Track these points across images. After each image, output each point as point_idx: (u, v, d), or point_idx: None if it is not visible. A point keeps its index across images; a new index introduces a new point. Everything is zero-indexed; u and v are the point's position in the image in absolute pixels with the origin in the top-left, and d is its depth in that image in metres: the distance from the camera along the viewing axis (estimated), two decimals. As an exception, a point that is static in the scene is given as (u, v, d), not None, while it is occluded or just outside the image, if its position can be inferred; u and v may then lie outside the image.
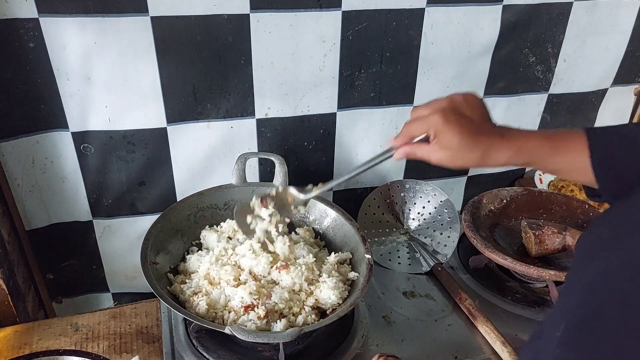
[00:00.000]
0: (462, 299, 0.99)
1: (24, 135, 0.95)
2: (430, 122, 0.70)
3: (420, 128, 0.71)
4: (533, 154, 0.69)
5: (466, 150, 0.69)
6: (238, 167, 1.01)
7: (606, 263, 0.48)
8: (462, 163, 0.70)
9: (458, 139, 0.68)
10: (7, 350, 0.89)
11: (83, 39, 0.88)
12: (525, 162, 0.70)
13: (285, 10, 0.96)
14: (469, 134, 0.69)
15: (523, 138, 0.69)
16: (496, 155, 0.69)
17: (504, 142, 0.69)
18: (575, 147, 0.66)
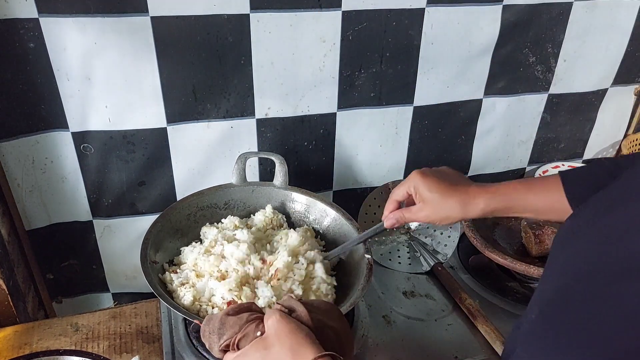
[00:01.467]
0: (462, 298, 0.99)
1: (24, 135, 0.95)
2: (410, 180, 0.79)
3: (401, 189, 0.81)
4: (508, 195, 0.76)
5: (445, 199, 0.76)
6: (238, 167, 1.01)
7: (574, 247, 0.52)
8: (445, 214, 0.77)
9: (436, 188, 0.77)
10: (7, 350, 0.89)
11: (83, 39, 0.88)
12: (503, 206, 0.76)
13: (285, 10, 0.96)
14: (445, 185, 0.77)
15: (498, 185, 0.77)
16: (474, 201, 0.76)
17: (480, 189, 0.77)
18: (550, 186, 0.73)
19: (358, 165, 1.20)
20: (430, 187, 0.77)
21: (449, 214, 0.77)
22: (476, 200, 0.76)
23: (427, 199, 0.77)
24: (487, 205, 0.76)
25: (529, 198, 0.75)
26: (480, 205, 0.76)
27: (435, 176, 0.78)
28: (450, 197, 0.76)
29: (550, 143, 1.34)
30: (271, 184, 1.04)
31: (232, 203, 1.03)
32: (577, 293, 0.46)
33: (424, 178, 0.78)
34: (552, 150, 1.36)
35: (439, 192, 0.76)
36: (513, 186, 0.76)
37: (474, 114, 1.22)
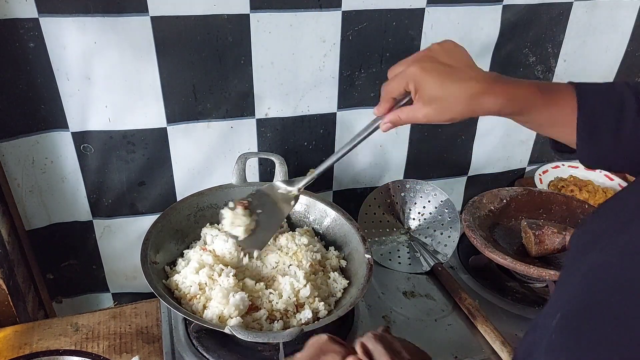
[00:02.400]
0: (462, 298, 0.99)
1: (24, 135, 0.95)
2: (408, 75, 0.66)
3: (398, 85, 0.67)
4: (526, 103, 0.64)
5: (452, 98, 0.64)
6: (238, 167, 1.01)
7: (601, 255, 0.48)
8: (451, 114, 0.65)
9: (439, 86, 0.64)
10: (7, 350, 0.89)
11: (83, 39, 0.88)
12: (514, 112, 0.65)
13: (285, 10, 0.96)
14: (451, 80, 0.64)
15: (516, 85, 0.65)
16: (486, 101, 0.64)
17: (496, 88, 0.64)
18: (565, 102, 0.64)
19: (358, 165, 1.20)
20: (434, 85, 0.64)
21: (455, 113, 0.65)
22: (490, 100, 0.64)
23: (430, 99, 0.65)
24: (500, 108, 0.64)
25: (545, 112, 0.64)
26: (493, 107, 0.64)
27: (437, 70, 0.65)
28: (457, 96, 0.64)
29: (550, 143, 1.34)
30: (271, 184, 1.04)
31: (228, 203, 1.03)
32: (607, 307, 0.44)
33: (424, 72, 0.65)
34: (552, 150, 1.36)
35: (443, 91, 0.64)
36: (533, 92, 0.64)
37: (474, 114, 1.21)
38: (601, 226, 0.53)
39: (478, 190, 1.18)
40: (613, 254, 0.47)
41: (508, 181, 1.37)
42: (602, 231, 0.52)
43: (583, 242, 0.54)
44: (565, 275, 0.55)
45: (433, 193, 1.17)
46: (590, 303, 0.46)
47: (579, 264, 0.51)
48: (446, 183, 1.29)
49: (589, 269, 0.49)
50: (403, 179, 1.20)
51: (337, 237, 0.99)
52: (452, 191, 1.32)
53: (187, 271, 0.86)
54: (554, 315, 0.49)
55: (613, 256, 0.47)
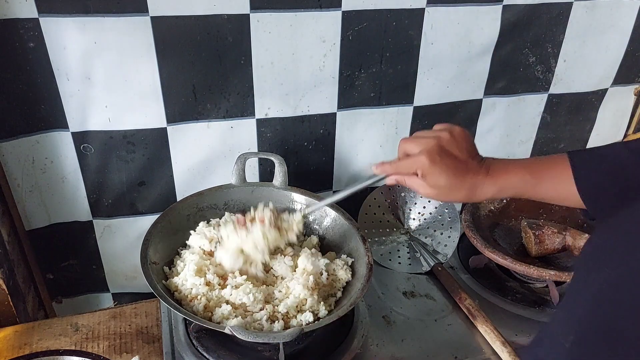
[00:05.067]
0: (462, 298, 0.99)
1: (24, 135, 0.95)
2: (418, 163, 0.73)
3: (408, 168, 0.74)
4: (517, 188, 0.73)
5: (452, 189, 0.72)
6: (238, 167, 1.01)
7: (615, 272, 0.47)
8: (449, 200, 0.77)
9: (444, 180, 0.72)
10: (7, 350, 0.89)
11: (83, 39, 0.88)
12: (511, 194, 0.74)
13: (285, 10, 0.96)
14: (454, 175, 0.72)
15: (506, 174, 0.73)
16: (481, 192, 0.73)
17: (488, 180, 0.72)
18: (559, 174, 0.70)
19: (358, 165, 1.20)
20: (439, 178, 0.72)
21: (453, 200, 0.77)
22: (484, 191, 0.72)
23: (434, 186, 0.73)
24: (494, 196, 0.73)
25: (539, 189, 0.71)
26: (487, 196, 0.73)
27: (445, 164, 0.72)
28: (457, 189, 0.72)
29: (550, 143, 1.34)
30: (271, 185, 1.04)
31: (231, 203, 1.03)
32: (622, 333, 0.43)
33: (432, 165, 0.72)
34: (552, 150, 1.36)
35: (446, 184, 0.72)
36: (522, 176, 0.72)
37: (474, 114, 1.22)
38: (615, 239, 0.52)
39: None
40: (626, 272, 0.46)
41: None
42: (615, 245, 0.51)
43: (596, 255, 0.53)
44: (576, 289, 0.54)
45: (433, 193, 1.17)
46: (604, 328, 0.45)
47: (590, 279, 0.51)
48: (446, 183, 1.29)
49: (601, 288, 0.48)
50: (403, 179, 1.20)
51: (337, 237, 0.99)
52: (452, 191, 1.32)
53: (186, 273, 0.87)
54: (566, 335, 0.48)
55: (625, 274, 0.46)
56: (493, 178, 0.73)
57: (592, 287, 0.49)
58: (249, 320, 0.81)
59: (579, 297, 0.52)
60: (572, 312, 0.52)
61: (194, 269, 0.86)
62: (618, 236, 0.52)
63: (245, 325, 0.80)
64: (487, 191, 0.72)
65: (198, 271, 0.87)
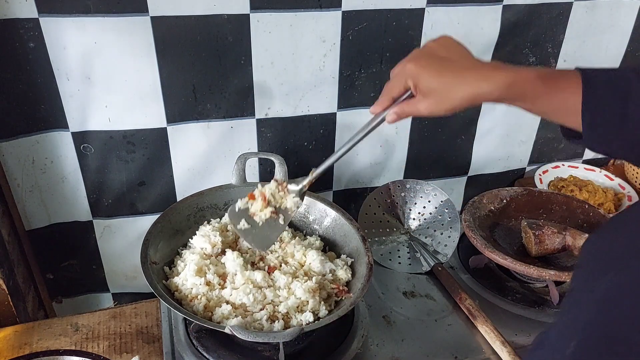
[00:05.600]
0: (462, 299, 0.99)
1: (24, 135, 0.95)
2: (405, 72, 0.68)
3: (398, 83, 0.69)
4: (526, 88, 0.65)
5: (451, 88, 0.65)
6: (238, 167, 1.01)
7: (620, 277, 0.46)
8: (451, 104, 0.66)
9: (437, 79, 0.66)
10: (7, 350, 0.89)
11: (83, 39, 0.88)
12: (515, 98, 0.66)
13: (285, 10, 0.96)
14: (448, 71, 0.66)
15: (516, 71, 0.65)
16: (484, 87, 0.65)
17: (494, 74, 0.65)
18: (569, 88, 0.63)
19: (358, 165, 1.20)
20: (430, 78, 0.66)
21: (456, 103, 0.66)
22: (489, 86, 0.65)
23: (430, 92, 0.66)
24: (500, 94, 0.65)
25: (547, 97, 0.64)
26: (493, 93, 0.65)
27: (433, 64, 0.67)
28: (455, 87, 0.65)
29: (550, 143, 1.34)
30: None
31: (232, 204, 1.02)
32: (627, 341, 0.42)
33: (422, 69, 0.66)
34: (552, 150, 1.36)
35: (440, 83, 0.66)
36: (533, 77, 0.64)
37: (474, 114, 1.22)
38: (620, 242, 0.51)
39: (478, 190, 1.18)
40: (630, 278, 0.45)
41: (508, 181, 1.37)
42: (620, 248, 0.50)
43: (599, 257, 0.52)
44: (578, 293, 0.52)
45: (433, 193, 1.17)
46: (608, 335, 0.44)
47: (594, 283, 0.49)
48: (446, 183, 1.30)
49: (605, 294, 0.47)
50: (403, 179, 1.20)
51: (337, 237, 0.99)
52: (452, 191, 1.32)
53: (187, 273, 0.87)
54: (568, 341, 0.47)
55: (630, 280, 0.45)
56: (498, 73, 0.65)
57: (596, 292, 0.48)
58: (249, 320, 0.81)
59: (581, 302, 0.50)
60: (574, 317, 0.50)
61: (194, 269, 0.86)
62: (622, 239, 0.51)
63: (245, 325, 0.80)
64: (491, 87, 0.65)
65: (198, 271, 0.87)
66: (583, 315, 0.49)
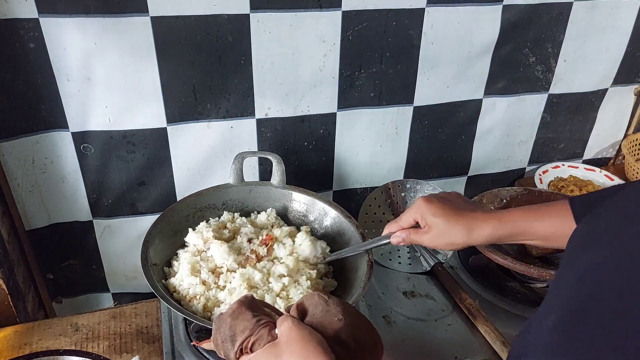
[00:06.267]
0: (462, 298, 0.99)
1: (24, 135, 0.95)
2: (416, 208, 0.80)
3: (408, 216, 0.82)
4: (516, 222, 0.75)
5: (450, 225, 0.77)
6: (235, 167, 1.01)
7: (597, 255, 0.49)
8: (450, 239, 0.78)
9: (441, 214, 0.77)
10: (7, 350, 0.89)
11: (83, 39, 0.88)
12: (509, 233, 0.76)
13: (285, 10, 0.96)
14: (451, 211, 0.78)
15: (504, 211, 0.77)
16: (479, 228, 0.76)
17: (486, 215, 0.77)
18: (559, 213, 0.72)
19: (358, 165, 1.20)
20: (435, 212, 0.78)
21: (454, 239, 0.78)
22: (481, 227, 0.76)
23: (432, 224, 0.78)
24: (493, 232, 0.76)
25: (536, 225, 0.75)
26: (486, 232, 0.76)
27: (440, 202, 0.79)
28: (455, 223, 0.77)
29: (550, 143, 1.34)
30: (269, 184, 1.04)
31: (230, 203, 1.03)
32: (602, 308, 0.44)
33: (428, 204, 0.79)
34: (552, 150, 1.36)
35: (443, 217, 0.77)
36: (520, 213, 0.76)
37: (474, 114, 1.22)
38: (597, 226, 0.54)
39: (478, 190, 1.18)
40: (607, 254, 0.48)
41: (508, 181, 1.37)
42: (597, 231, 0.53)
43: (579, 242, 0.55)
44: (560, 275, 0.55)
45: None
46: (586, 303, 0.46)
47: (574, 263, 0.52)
48: (446, 183, 1.30)
49: (586, 268, 0.49)
50: (403, 179, 1.20)
51: (338, 237, 0.99)
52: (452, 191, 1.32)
53: (182, 274, 0.87)
54: (549, 316, 0.49)
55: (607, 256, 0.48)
56: (491, 214, 0.78)
57: (576, 269, 0.50)
58: None
59: (563, 281, 0.53)
60: (556, 295, 0.53)
61: (188, 269, 0.87)
62: (602, 222, 0.54)
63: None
64: (486, 226, 0.76)
65: (192, 270, 0.87)
66: (563, 291, 0.51)
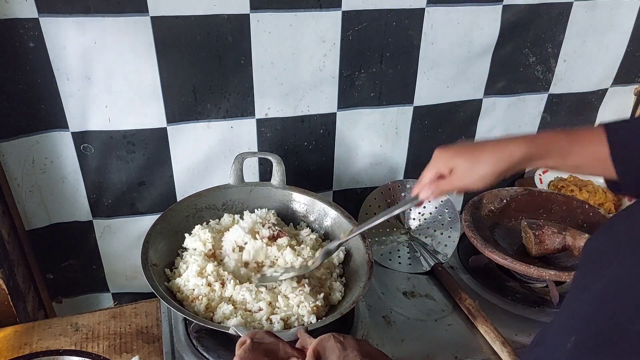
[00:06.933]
0: (462, 298, 0.99)
1: (24, 135, 0.95)
2: (434, 160, 0.76)
3: (428, 171, 0.77)
4: (550, 146, 0.69)
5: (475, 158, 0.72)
6: (235, 167, 1.01)
7: (617, 272, 0.47)
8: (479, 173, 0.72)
9: (461, 154, 0.73)
10: (7, 350, 0.89)
11: (83, 39, 0.88)
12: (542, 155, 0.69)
13: (285, 10, 0.96)
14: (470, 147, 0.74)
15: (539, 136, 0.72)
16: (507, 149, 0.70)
17: (518, 139, 0.70)
18: (594, 140, 0.66)
19: (358, 165, 1.20)
20: (454, 154, 0.74)
21: (483, 172, 0.71)
22: (509, 148, 0.70)
23: (455, 166, 0.73)
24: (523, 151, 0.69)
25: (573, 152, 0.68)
26: (515, 152, 0.69)
27: (456, 146, 0.75)
28: (479, 154, 0.72)
29: (550, 143, 1.34)
30: (269, 184, 1.04)
31: (230, 204, 1.03)
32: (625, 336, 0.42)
33: (445, 151, 0.75)
34: (552, 150, 1.36)
35: (464, 155, 0.73)
36: (555, 136, 0.70)
37: (474, 114, 1.22)
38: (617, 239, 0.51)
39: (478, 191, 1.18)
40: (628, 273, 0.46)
41: (508, 181, 1.37)
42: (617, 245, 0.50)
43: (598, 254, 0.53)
44: (578, 289, 0.53)
45: (433, 193, 1.17)
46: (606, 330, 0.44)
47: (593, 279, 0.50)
48: (446, 183, 1.29)
49: (604, 288, 0.47)
50: (403, 179, 1.20)
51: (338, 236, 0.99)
52: (452, 191, 1.32)
53: (189, 274, 0.87)
54: (568, 336, 0.47)
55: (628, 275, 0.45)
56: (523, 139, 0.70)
57: (595, 287, 0.48)
58: (248, 320, 0.81)
59: (581, 298, 0.51)
60: (574, 312, 0.51)
61: (196, 270, 0.87)
62: (620, 235, 0.51)
63: (245, 324, 0.80)
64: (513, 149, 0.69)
65: (200, 272, 0.87)
66: (582, 310, 0.49)
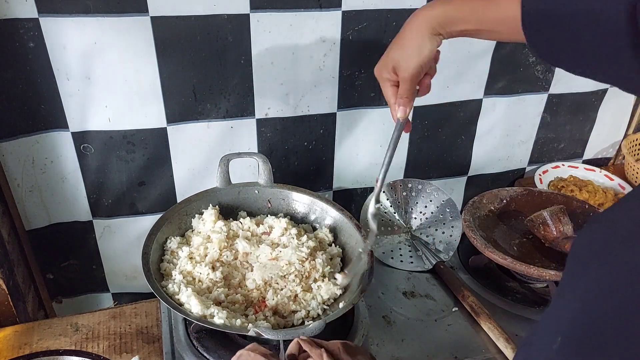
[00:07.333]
0: (465, 296, 0.99)
1: (24, 135, 0.95)
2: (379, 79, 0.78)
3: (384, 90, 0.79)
4: (465, 6, 0.71)
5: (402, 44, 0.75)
6: (222, 170, 1.00)
7: (602, 273, 0.47)
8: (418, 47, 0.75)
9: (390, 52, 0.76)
10: (7, 350, 0.89)
11: (83, 39, 0.88)
12: (460, 17, 0.72)
13: (285, 10, 0.96)
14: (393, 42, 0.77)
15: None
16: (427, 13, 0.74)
17: (433, 2, 0.73)
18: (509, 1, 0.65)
19: (358, 165, 1.20)
20: (385, 56, 0.77)
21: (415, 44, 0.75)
22: (423, 12, 0.74)
23: (393, 61, 0.76)
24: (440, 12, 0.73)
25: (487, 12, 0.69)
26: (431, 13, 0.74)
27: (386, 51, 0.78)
28: (401, 35, 0.76)
29: (550, 143, 1.34)
30: (256, 184, 1.02)
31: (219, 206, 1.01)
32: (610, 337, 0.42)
33: (378, 63, 0.78)
34: (552, 150, 1.36)
35: (392, 47, 0.76)
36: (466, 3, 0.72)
37: (474, 114, 1.22)
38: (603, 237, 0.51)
39: (478, 190, 1.18)
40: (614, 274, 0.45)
41: (508, 181, 1.37)
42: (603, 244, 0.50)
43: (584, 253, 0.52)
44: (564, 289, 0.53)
45: (435, 193, 1.17)
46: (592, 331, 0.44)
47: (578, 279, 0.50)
48: (446, 183, 1.30)
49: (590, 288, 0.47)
50: (405, 179, 1.20)
51: (338, 237, 0.99)
52: (452, 191, 1.32)
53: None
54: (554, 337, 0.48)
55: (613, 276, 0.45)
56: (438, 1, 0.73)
57: (579, 288, 0.48)
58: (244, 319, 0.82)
59: (566, 298, 0.51)
60: (559, 313, 0.51)
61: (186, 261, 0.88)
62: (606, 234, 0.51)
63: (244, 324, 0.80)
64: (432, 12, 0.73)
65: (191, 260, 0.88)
66: (567, 311, 0.49)
